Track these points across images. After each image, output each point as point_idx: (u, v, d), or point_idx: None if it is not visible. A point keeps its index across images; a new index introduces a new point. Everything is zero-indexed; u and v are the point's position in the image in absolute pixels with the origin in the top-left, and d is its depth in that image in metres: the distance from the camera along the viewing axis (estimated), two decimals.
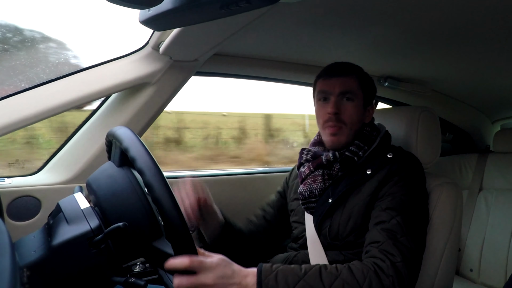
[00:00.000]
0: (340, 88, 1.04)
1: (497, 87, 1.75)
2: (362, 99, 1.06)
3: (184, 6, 0.57)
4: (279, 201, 1.26)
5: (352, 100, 1.04)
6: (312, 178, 1.08)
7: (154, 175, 0.66)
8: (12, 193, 1.15)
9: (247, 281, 0.77)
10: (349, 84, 1.04)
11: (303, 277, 0.80)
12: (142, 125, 1.27)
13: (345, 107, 1.04)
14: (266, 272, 0.79)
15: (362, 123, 1.09)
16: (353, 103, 1.04)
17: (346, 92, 1.04)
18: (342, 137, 1.05)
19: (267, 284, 0.77)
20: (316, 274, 0.81)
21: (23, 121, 1.08)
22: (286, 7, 0.92)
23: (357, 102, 1.05)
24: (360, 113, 1.06)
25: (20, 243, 0.72)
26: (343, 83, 1.04)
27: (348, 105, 1.04)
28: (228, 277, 0.75)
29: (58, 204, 0.75)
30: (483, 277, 1.71)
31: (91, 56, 1.30)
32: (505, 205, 1.72)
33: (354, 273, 0.82)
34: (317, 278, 0.80)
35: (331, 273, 0.81)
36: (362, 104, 1.06)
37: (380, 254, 0.86)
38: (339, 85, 1.04)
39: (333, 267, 0.83)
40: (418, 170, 1.03)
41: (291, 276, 0.79)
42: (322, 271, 0.81)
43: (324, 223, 1.04)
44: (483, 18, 0.99)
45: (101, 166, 0.81)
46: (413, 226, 0.92)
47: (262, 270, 0.79)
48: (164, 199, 0.65)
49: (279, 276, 0.79)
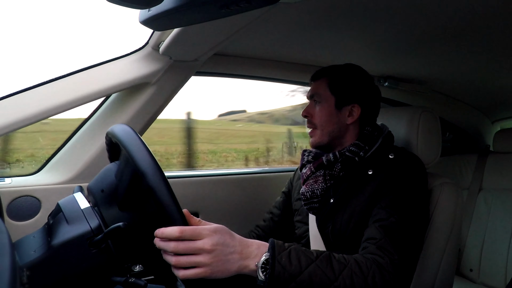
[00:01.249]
0: (310, 92, 1.13)
1: (497, 87, 1.75)
2: (332, 100, 1.08)
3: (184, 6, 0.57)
4: (284, 201, 1.29)
5: (320, 102, 1.09)
6: (313, 178, 1.08)
7: (149, 165, 0.65)
8: (12, 193, 1.15)
9: (250, 250, 0.73)
10: (316, 88, 1.11)
11: (315, 261, 0.77)
12: (142, 125, 1.28)
13: (315, 110, 1.10)
14: (280, 248, 0.75)
15: (343, 124, 1.08)
16: (320, 105, 1.09)
17: (313, 95, 1.11)
18: (315, 138, 1.11)
19: (280, 260, 0.73)
20: (328, 260, 0.79)
21: (23, 121, 1.08)
22: (286, 7, 0.92)
23: (325, 104, 1.08)
24: (331, 114, 1.08)
25: (20, 243, 0.72)
26: (313, 88, 1.12)
27: (317, 108, 1.10)
28: (227, 244, 0.71)
29: (58, 204, 0.75)
30: (483, 277, 1.71)
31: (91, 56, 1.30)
32: (505, 205, 1.72)
33: (360, 265, 0.81)
34: (328, 264, 0.78)
35: (340, 261, 0.80)
36: (333, 105, 1.08)
37: (378, 251, 0.86)
38: (310, 90, 1.13)
39: (341, 256, 0.82)
40: (420, 171, 1.03)
41: (304, 257, 0.76)
42: (332, 258, 0.80)
43: (326, 223, 1.05)
44: (483, 18, 0.99)
45: (103, 169, 0.81)
46: (411, 225, 0.92)
47: (275, 244, 0.75)
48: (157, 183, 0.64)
49: (292, 254, 0.76)
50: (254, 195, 1.51)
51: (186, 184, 1.46)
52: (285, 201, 1.29)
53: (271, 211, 1.30)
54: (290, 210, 1.26)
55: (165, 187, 0.65)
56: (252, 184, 1.59)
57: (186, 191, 1.44)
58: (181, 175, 1.50)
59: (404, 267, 0.86)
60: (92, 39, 1.35)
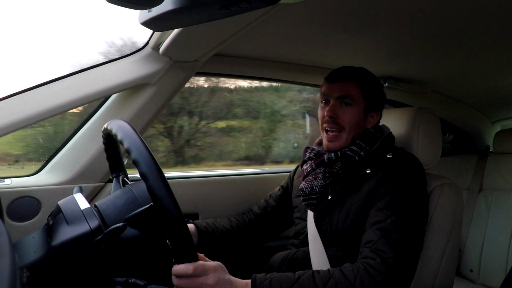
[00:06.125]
0: (339, 93, 1.06)
1: (497, 87, 1.75)
2: (363, 105, 1.07)
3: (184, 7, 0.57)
4: (281, 195, 1.31)
5: (351, 105, 1.06)
6: (313, 175, 1.10)
7: (150, 166, 0.66)
8: (12, 193, 1.15)
9: (241, 285, 0.82)
10: (349, 90, 1.06)
11: (297, 281, 0.84)
12: (142, 126, 1.27)
13: (343, 111, 1.06)
14: (260, 280, 0.84)
15: (364, 128, 1.10)
16: (351, 108, 1.06)
17: (345, 97, 1.06)
18: (339, 143, 1.07)
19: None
20: (310, 277, 0.85)
21: (23, 121, 1.08)
22: (286, 8, 0.92)
23: (356, 108, 1.06)
24: (360, 119, 1.08)
25: (20, 243, 0.72)
26: (343, 88, 1.06)
27: (347, 110, 1.06)
28: (225, 281, 0.80)
29: (58, 204, 0.75)
30: (483, 277, 1.71)
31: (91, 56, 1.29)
32: (505, 206, 1.72)
33: (346, 274, 0.85)
34: (311, 280, 0.84)
35: (324, 275, 0.85)
36: (362, 110, 1.07)
37: (371, 253, 0.89)
38: (339, 90, 1.06)
39: (325, 271, 0.87)
40: (417, 171, 1.03)
41: (285, 281, 0.84)
42: (315, 274, 0.86)
43: (323, 219, 1.06)
44: (483, 18, 0.99)
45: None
46: (409, 225, 0.93)
47: (256, 279, 0.84)
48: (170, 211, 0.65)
49: (273, 282, 0.84)
50: (254, 196, 1.51)
51: (186, 185, 1.46)
52: (282, 195, 1.31)
53: (267, 201, 1.33)
54: (284, 205, 1.29)
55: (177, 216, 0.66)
56: (251, 185, 1.59)
57: (185, 192, 1.44)
58: (181, 176, 1.50)
59: (401, 266, 0.87)
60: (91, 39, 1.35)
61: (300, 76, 1.54)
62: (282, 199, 1.30)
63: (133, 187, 0.79)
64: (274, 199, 1.31)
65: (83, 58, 1.42)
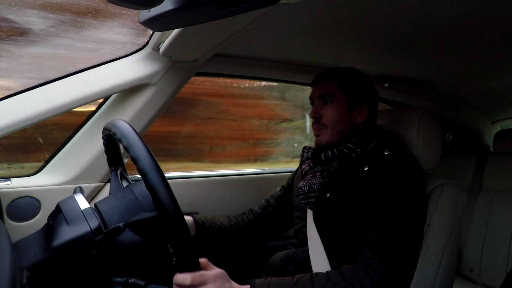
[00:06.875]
0: (319, 93, 1.12)
1: (497, 87, 1.75)
2: (344, 100, 1.10)
3: (184, 7, 0.57)
4: (282, 195, 1.32)
5: (331, 102, 1.10)
6: (311, 174, 1.12)
7: (149, 164, 0.66)
8: (12, 193, 1.15)
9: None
10: (327, 88, 1.11)
11: (296, 284, 0.85)
12: (142, 126, 1.27)
13: (325, 110, 1.11)
14: (259, 285, 0.86)
15: (353, 123, 1.12)
16: (332, 104, 1.10)
17: (324, 95, 1.11)
18: (324, 137, 1.11)
19: None
20: (308, 280, 0.86)
21: (23, 121, 1.08)
22: (286, 8, 0.92)
23: (337, 104, 1.10)
24: (343, 114, 1.10)
25: (20, 244, 0.72)
26: (322, 88, 1.12)
27: (328, 108, 1.11)
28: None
29: (58, 204, 0.75)
30: (483, 277, 1.71)
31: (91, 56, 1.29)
32: (505, 206, 1.72)
33: (344, 275, 0.86)
34: (309, 283, 0.85)
35: (322, 278, 0.86)
36: (345, 105, 1.10)
37: (370, 253, 0.89)
38: (319, 90, 1.13)
39: (324, 273, 0.88)
40: (413, 168, 1.03)
41: (284, 285, 0.85)
42: (313, 277, 0.87)
43: (322, 217, 1.07)
44: (483, 18, 0.99)
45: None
46: (407, 225, 0.94)
47: (255, 284, 0.86)
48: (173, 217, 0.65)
49: (271, 286, 0.85)
50: (254, 196, 1.51)
51: (186, 185, 1.46)
52: (283, 195, 1.32)
53: (268, 200, 1.34)
54: (285, 205, 1.30)
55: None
56: (251, 185, 1.59)
57: (185, 192, 1.44)
58: (181, 176, 1.50)
59: (400, 265, 0.88)
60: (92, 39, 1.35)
61: (300, 76, 1.54)
62: (283, 199, 1.31)
63: (133, 187, 0.79)
64: (275, 199, 1.32)
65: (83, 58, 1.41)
